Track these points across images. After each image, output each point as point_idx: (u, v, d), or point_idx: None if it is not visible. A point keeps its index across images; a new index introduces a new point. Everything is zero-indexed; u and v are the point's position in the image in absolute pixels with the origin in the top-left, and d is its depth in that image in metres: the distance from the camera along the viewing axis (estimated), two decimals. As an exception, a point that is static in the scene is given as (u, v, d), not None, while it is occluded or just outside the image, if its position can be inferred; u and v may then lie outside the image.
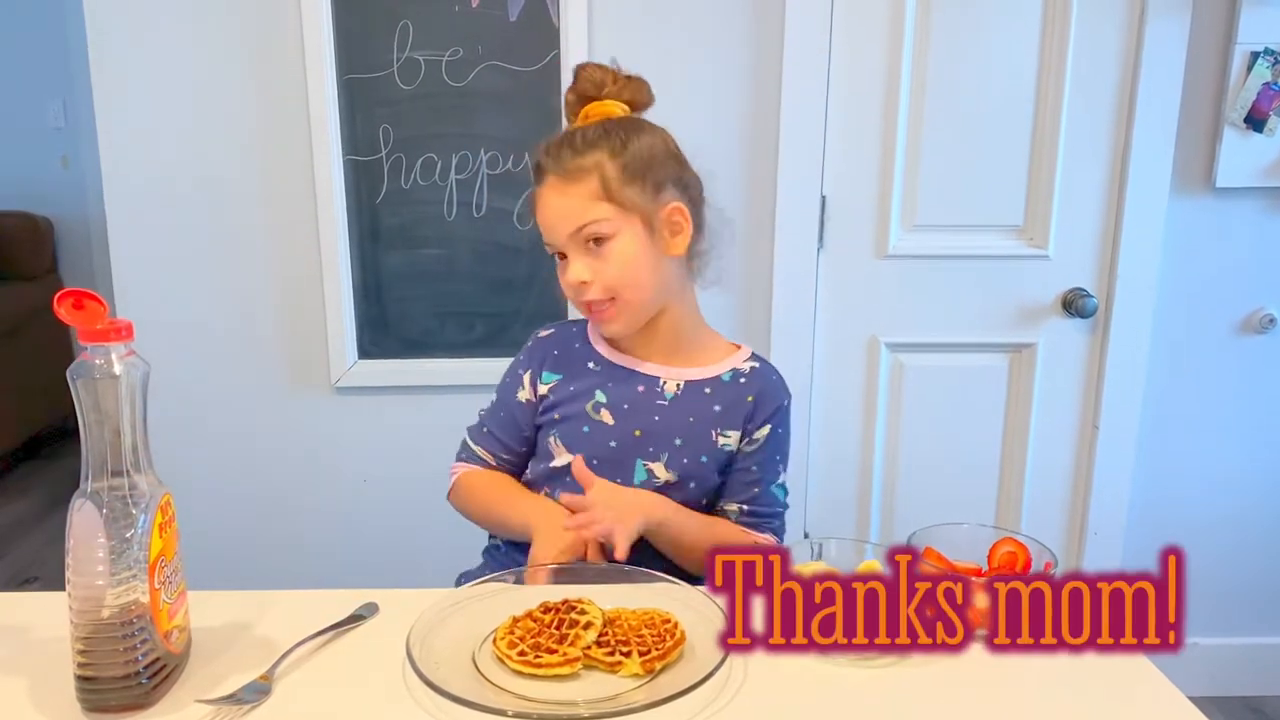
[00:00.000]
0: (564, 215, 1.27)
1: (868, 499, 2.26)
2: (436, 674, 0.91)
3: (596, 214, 1.25)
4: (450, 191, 2.05)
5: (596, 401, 1.35)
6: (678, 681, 0.91)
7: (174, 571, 0.94)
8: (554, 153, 1.28)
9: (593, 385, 1.36)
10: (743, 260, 2.10)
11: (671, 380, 1.36)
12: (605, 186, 1.25)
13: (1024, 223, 2.11)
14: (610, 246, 1.26)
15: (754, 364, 1.40)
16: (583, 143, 1.27)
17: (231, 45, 2.00)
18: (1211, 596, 2.34)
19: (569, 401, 1.36)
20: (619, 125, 1.29)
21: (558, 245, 1.29)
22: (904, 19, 2.02)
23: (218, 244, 2.08)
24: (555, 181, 1.27)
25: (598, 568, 1.19)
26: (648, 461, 1.33)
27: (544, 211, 1.29)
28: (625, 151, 1.27)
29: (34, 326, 3.87)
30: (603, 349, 1.39)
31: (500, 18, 1.98)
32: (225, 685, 0.93)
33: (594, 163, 1.26)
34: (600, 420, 1.34)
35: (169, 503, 0.94)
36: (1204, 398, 2.22)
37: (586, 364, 1.38)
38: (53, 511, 3.45)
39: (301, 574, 2.20)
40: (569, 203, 1.26)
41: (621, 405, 1.34)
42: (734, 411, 1.36)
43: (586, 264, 1.27)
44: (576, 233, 1.26)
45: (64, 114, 3.96)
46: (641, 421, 1.34)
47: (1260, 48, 2.01)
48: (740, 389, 1.37)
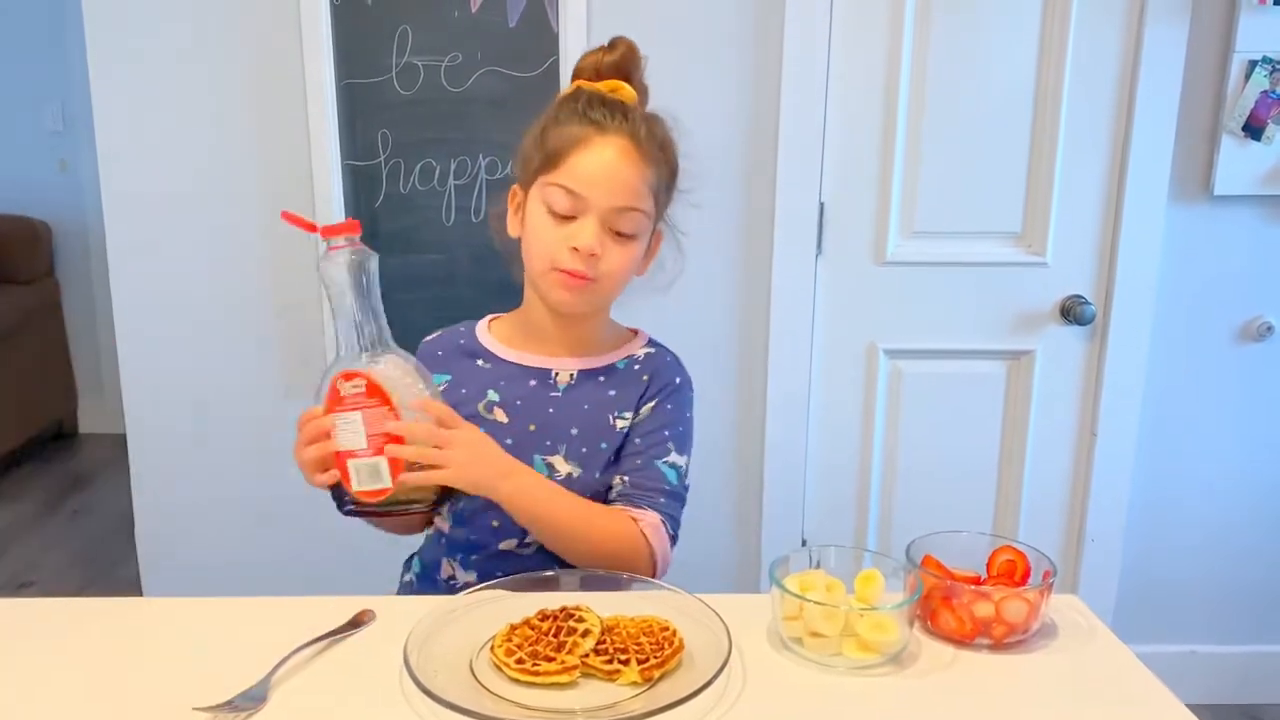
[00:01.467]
0: (625, 185, 1.20)
1: (866, 505, 2.26)
2: (434, 682, 0.90)
3: (645, 205, 1.22)
4: (449, 197, 2.05)
5: (489, 400, 1.30)
6: (676, 690, 0.91)
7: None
8: (635, 118, 1.22)
9: (484, 384, 1.31)
10: (741, 267, 2.10)
11: (564, 371, 1.31)
12: (660, 186, 1.24)
13: (1022, 230, 2.11)
14: (631, 241, 1.23)
15: (650, 349, 1.36)
16: (662, 134, 1.24)
17: (230, 50, 2.00)
18: (1209, 604, 2.34)
19: (460, 404, 1.27)
20: (672, 144, 1.27)
21: (589, 202, 1.19)
22: (903, 26, 2.02)
23: (215, 248, 2.08)
24: (630, 147, 1.20)
25: (595, 575, 1.17)
26: (545, 455, 1.27)
27: (602, 165, 1.20)
28: (675, 168, 1.27)
29: (31, 330, 3.87)
30: (493, 345, 1.34)
31: (499, 23, 1.98)
32: (221, 692, 0.93)
33: (665, 159, 1.24)
34: (494, 419, 1.29)
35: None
36: (1202, 405, 2.22)
37: (475, 362, 1.33)
38: (49, 515, 3.45)
39: (299, 580, 2.20)
40: (635, 176, 1.20)
41: (515, 402, 1.29)
42: (630, 393, 1.31)
43: (600, 237, 1.20)
44: (621, 210, 1.20)
45: (62, 118, 3.96)
46: (535, 416, 1.28)
47: (1258, 56, 2.01)
48: (635, 373, 1.33)
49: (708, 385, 2.13)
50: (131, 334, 2.12)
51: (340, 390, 1.06)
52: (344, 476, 1.09)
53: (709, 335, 2.13)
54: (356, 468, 1.08)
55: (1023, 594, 1.04)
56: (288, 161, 2.04)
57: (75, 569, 3.05)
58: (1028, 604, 1.03)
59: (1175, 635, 2.35)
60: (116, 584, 2.89)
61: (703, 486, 2.18)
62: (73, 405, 4.17)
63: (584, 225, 1.20)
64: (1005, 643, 1.04)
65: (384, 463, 1.07)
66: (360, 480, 1.08)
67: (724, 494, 2.23)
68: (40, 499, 3.59)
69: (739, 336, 2.14)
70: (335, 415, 1.07)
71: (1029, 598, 1.03)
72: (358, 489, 1.09)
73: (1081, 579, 2.26)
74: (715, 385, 2.15)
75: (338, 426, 1.07)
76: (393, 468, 1.07)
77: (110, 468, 3.79)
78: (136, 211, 2.06)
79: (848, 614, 1.01)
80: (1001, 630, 1.03)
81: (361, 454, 1.07)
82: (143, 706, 0.93)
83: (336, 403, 1.07)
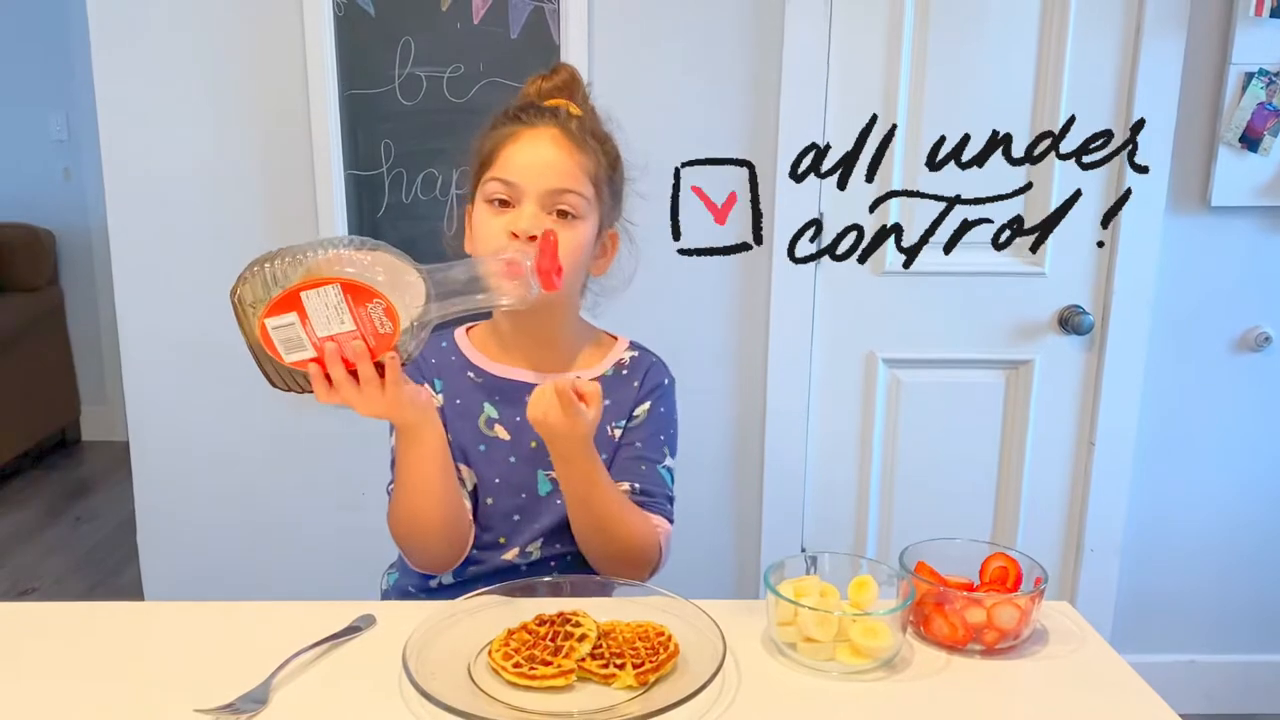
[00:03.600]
0: (557, 168, 1.22)
1: (864, 514, 2.27)
2: (432, 685, 0.91)
3: (583, 189, 1.23)
4: (451, 206, 2.07)
5: (489, 417, 1.30)
6: (671, 694, 0.92)
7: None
8: (561, 114, 1.26)
9: (478, 399, 1.31)
10: (740, 276, 2.11)
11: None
12: (597, 174, 1.25)
13: (1021, 241, 2.12)
14: (572, 225, 1.22)
15: (634, 353, 1.37)
16: (592, 127, 1.27)
17: (234, 60, 2.01)
18: (1207, 614, 2.34)
19: (458, 419, 1.30)
20: (609, 136, 1.31)
21: (524, 189, 1.21)
22: (901, 38, 2.03)
23: (219, 257, 2.09)
24: (558, 134, 1.23)
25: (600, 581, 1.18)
26: (548, 471, 1.28)
27: (533, 152, 1.23)
28: (616, 161, 1.29)
29: (35, 337, 3.88)
30: (477, 357, 1.33)
31: (501, 34, 1.99)
32: (222, 695, 0.94)
33: (597, 148, 1.26)
34: (495, 437, 1.30)
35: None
36: (1199, 415, 2.22)
37: (465, 373, 1.32)
38: (51, 523, 3.46)
39: (300, 585, 2.20)
40: (567, 160, 1.23)
41: (514, 419, 1.29)
42: (623, 401, 1.33)
43: (541, 219, 1.20)
44: (556, 192, 1.21)
45: (66, 127, 3.98)
46: (535, 432, 1.23)
47: (1255, 68, 2.02)
48: (625, 379, 1.34)
49: (707, 394, 2.16)
50: (135, 342, 2.13)
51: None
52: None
53: (708, 344, 2.14)
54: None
55: (1014, 600, 1.04)
56: (291, 171, 2.05)
57: (78, 575, 3.06)
58: (1019, 610, 1.04)
59: (1174, 645, 2.35)
60: (119, 590, 2.90)
61: (703, 495, 2.20)
62: (76, 413, 4.18)
63: (522, 210, 1.21)
64: (997, 648, 1.05)
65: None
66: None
67: (724, 503, 2.24)
68: (43, 506, 3.60)
69: (738, 346, 2.15)
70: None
71: (1020, 604, 1.04)
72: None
73: (1080, 588, 2.27)
74: (715, 394, 2.16)
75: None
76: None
77: (113, 475, 3.80)
78: (140, 220, 2.08)
79: (841, 619, 1.02)
80: (993, 636, 1.04)
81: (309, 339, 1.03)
82: (145, 710, 0.94)
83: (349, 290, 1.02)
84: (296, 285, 1.01)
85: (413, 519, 1.22)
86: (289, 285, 1.01)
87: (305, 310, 1.02)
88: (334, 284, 1.01)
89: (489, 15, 1.98)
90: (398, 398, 1.09)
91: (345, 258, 1.02)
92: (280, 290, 1.02)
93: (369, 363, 1.04)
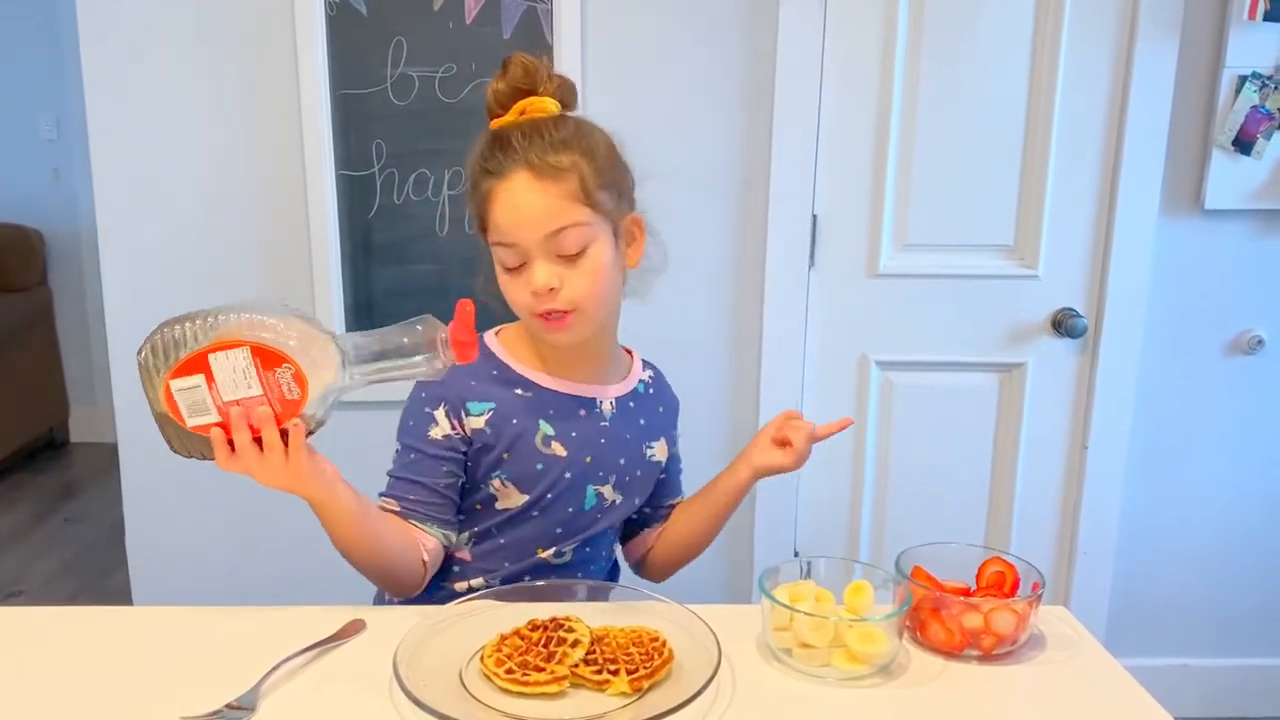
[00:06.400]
0: (541, 214, 1.15)
1: (858, 517, 2.26)
2: (423, 692, 0.90)
3: (577, 217, 1.16)
4: (443, 207, 2.06)
5: (545, 434, 1.24)
6: (665, 700, 0.91)
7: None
8: (521, 145, 1.16)
9: (533, 415, 1.25)
10: (734, 278, 2.11)
11: (605, 399, 1.30)
12: (584, 188, 1.16)
13: (1014, 243, 2.12)
14: (584, 255, 1.17)
15: (649, 372, 1.40)
16: (556, 139, 1.17)
17: (225, 59, 2.00)
18: (1202, 617, 2.34)
19: (512, 438, 1.23)
20: (580, 124, 1.21)
21: (525, 247, 1.16)
22: (896, 40, 2.03)
23: (209, 258, 2.08)
24: (528, 177, 1.15)
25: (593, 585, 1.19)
26: (598, 486, 1.29)
27: (513, 209, 1.16)
28: (599, 153, 1.20)
29: (24, 338, 3.86)
30: (525, 370, 1.27)
31: (494, 34, 1.98)
32: (211, 701, 0.93)
33: (571, 162, 1.16)
34: (553, 454, 1.25)
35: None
36: (1193, 418, 2.23)
37: (513, 390, 1.25)
38: (39, 525, 3.44)
39: (289, 589, 2.19)
40: (548, 202, 1.15)
41: (570, 434, 1.26)
42: (654, 424, 1.36)
43: (554, 271, 1.16)
44: (553, 235, 1.15)
45: (56, 127, 3.96)
46: (591, 448, 1.27)
47: (1248, 71, 2.02)
48: (652, 400, 1.37)
49: (701, 397, 2.15)
50: (124, 343, 2.12)
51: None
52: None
53: (702, 347, 2.14)
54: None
55: (1011, 605, 1.04)
56: (282, 171, 2.04)
57: (66, 578, 3.04)
58: (1016, 615, 1.04)
59: (1168, 648, 2.35)
60: (107, 593, 2.89)
61: (695, 498, 2.19)
62: (64, 414, 4.16)
63: (534, 269, 1.17)
64: (994, 654, 1.04)
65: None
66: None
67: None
68: (31, 508, 3.58)
69: (732, 348, 2.14)
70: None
71: (1017, 609, 1.04)
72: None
73: (1073, 592, 2.26)
74: (708, 397, 2.16)
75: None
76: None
77: (101, 477, 3.79)
78: (130, 220, 2.06)
79: (837, 625, 1.01)
80: (990, 641, 1.04)
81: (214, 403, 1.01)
82: (132, 715, 0.94)
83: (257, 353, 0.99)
84: (205, 348, 0.99)
85: (357, 567, 1.21)
86: (197, 348, 0.99)
87: (212, 373, 0.99)
88: (243, 347, 0.99)
89: (481, 15, 1.97)
90: (300, 468, 1.05)
91: (257, 323, 1.00)
92: (188, 352, 1.00)
93: (274, 428, 1.01)
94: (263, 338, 0.99)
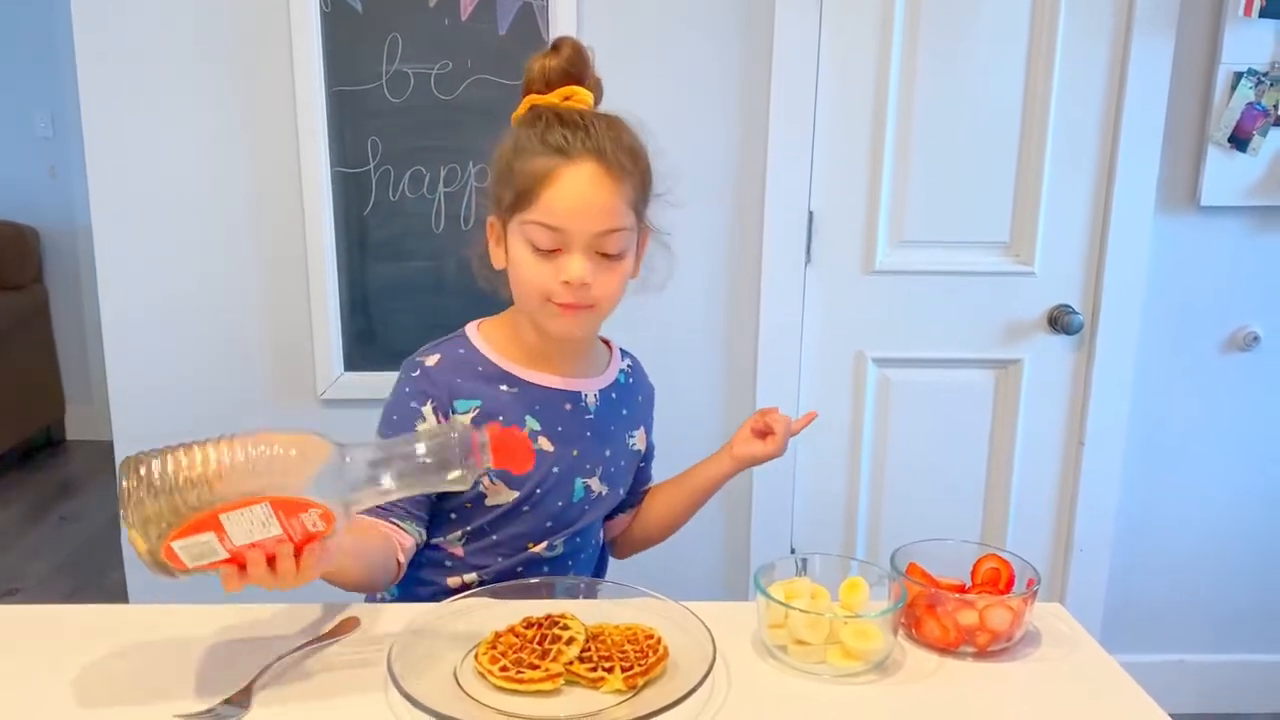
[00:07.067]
0: (600, 210, 1.14)
1: (854, 514, 2.26)
2: (418, 689, 0.90)
3: (626, 222, 1.16)
4: (439, 204, 2.05)
5: (531, 429, 1.24)
6: (660, 697, 0.91)
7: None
8: (596, 133, 1.14)
9: (519, 413, 1.24)
10: (730, 275, 2.11)
11: (588, 392, 1.29)
12: (635, 199, 1.17)
13: (1010, 240, 2.12)
14: (619, 259, 1.17)
15: (628, 361, 1.40)
16: (626, 139, 1.17)
17: (220, 56, 1.99)
18: (1198, 613, 2.34)
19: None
20: (639, 149, 1.20)
21: (571, 235, 1.14)
22: (892, 36, 2.03)
23: (204, 255, 2.07)
24: (597, 169, 1.13)
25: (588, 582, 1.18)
26: (585, 478, 1.29)
27: (576, 196, 1.13)
28: (650, 165, 1.20)
29: (19, 336, 3.85)
30: (510, 365, 1.26)
31: (490, 31, 1.98)
32: (203, 700, 0.93)
33: (635, 167, 1.17)
34: (540, 449, 1.24)
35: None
36: (1189, 414, 2.23)
37: (499, 387, 1.24)
38: (36, 522, 3.43)
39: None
40: (609, 200, 1.14)
41: (556, 428, 1.26)
42: (634, 413, 1.37)
43: (590, 266, 1.15)
44: (604, 234, 1.14)
45: (52, 124, 3.95)
46: (577, 441, 1.27)
47: (1244, 68, 2.02)
48: (631, 389, 1.37)
49: (696, 393, 2.15)
50: (120, 341, 2.11)
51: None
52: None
53: (698, 343, 2.14)
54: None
55: (1006, 602, 1.04)
56: (277, 168, 2.03)
57: (62, 576, 3.04)
58: (1011, 612, 1.04)
59: (1164, 644, 2.35)
60: (103, 591, 2.88)
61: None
62: (60, 412, 4.15)
63: (571, 258, 1.15)
64: (989, 650, 1.04)
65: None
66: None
67: (713, 504, 2.18)
68: (27, 506, 3.58)
69: (728, 345, 2.14)
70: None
71: (1013, 605, 1.04)
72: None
73: (1069, 588, 2.27)
74: (704, 393, 2.16)
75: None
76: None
77: (98, 475, 3.78)
78: (125, 218, 2.06)
79: (832, 622, 1.01)
80: (985, 638, 1.04)
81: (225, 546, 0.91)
82: (127, 713, 0.93)
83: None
84: (215, 510, 0.88)
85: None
86: (203, 511, 0.88)
87: (224, 528, 0.89)
88: (263, 503, 0.88)
89: (477, 11, 1.97)
90: (312, 576, 0.95)
91: (265, 460, 0.88)
92: (194, 515, 0.88)
93: (291, 559, 0.92)
94: (284, 487, 0.89)
